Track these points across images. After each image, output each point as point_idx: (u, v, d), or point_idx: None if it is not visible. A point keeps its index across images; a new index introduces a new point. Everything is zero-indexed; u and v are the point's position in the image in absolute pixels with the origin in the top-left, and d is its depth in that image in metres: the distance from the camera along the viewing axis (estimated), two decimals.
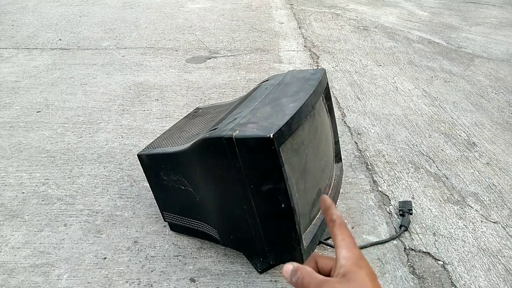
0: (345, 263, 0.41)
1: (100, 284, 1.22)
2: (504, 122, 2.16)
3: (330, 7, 4.26)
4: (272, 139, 0.91)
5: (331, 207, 0.46)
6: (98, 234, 1.39)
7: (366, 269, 0.41)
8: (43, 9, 3.95)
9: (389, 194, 1.60)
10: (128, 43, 3.11)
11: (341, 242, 0.43)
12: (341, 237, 0.44)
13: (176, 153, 1.17)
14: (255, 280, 1.23)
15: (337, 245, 0.43)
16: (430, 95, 2.43)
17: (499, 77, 2.70)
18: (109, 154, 1.81)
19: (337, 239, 0.44)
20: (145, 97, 2.31)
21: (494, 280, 1.25)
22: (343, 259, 0.42)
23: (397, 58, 2.97)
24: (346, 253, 0.42)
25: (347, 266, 0.41)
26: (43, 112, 2.14)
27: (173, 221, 1.34)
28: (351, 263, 0.41)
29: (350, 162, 1.79)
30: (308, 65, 2.78)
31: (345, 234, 0.44)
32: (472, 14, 4.19)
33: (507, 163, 1.82)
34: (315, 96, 1.13)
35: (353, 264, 0.41)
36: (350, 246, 0.43)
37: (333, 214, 0.46)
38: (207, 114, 1.40)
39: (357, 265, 0.41)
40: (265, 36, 3.32)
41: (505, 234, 1.43)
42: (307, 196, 1.10)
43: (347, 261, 0.41)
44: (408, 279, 1.25)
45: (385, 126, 2.08)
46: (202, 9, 4.08)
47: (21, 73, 2.58)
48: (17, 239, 1.37)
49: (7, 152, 1.81)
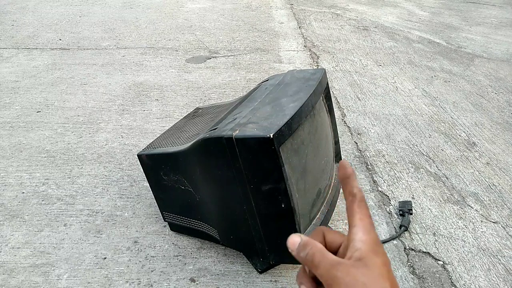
0: (361, 247, 0.37)
1: (100, 284, 1.22)
2: (504, 122, 2.16)
3: (330, 7, 4.25)
4: (272, 139, 0.91)
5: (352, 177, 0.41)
6: (98, 234, 1.39)
7: (382, 257, 0.37)
8: (43, 9, 3.95)
9: (389, 194, 1.60)
10: (128, 43, 3.11)
11: (359, 222, 0.39)
12: (359, 216, 0.39)
13: (176, 153, 1.17)
14: (255, 280, 1.23)
15: (354, 224, 0.39)
16: (430, 95, 2.43)
17: (499, 77, 2.70)
18: (109, 154, 1.81)
19: (354, 218, 0.39)
20: (145, 97, 2.31)
21: (494, 280, 1.25)
22: (359, 241, 0.38)
23: (397, 58, 2.97)
24: (363, 236, 0.38)
25: (363, 251, 0.37)
26: (43, 112, 2.14)
27: (173, 221, 1.34)
28: (367, 248, 0.37)
29: (350, 162, 1.79)
30: (308, 65, 2.78)
31: (364, 213, 0.39)
32: (472, 14, 4.19)
33: (507, 163, 1.82)
34: (315, 96, 1.13)
35: (370, 250, 0.37)
36: (367, 228, 0.39)
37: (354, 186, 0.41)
38: (207, 114, 1.40)
39: (374, 251, 0.37)
40: (265, 36, 3.32)
41: (505, 234, 1.43)
42: (307, 196, 1.10)
43: (363, 245, 0.37)
44: (408, 279, 1.25)
45: (385, 126, 2.08)
46: (202, 9, 4.08)
47: (21, 73, 2.58)
48: (17, 239, 1.37)
49: (7, 152, 1.81)
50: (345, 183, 0.41)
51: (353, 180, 0.41)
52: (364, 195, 0.41)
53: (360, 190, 0.40)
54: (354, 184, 0.41)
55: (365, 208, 0.40)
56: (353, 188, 0.40)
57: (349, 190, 0.41)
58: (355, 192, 0.40)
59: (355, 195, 0.40)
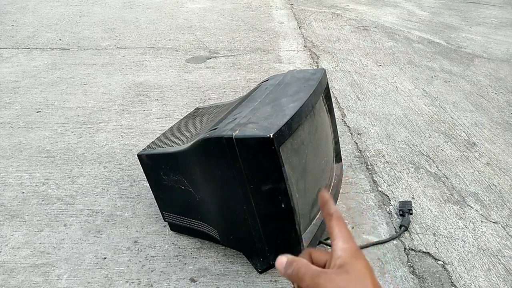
0: (342, 254, 0.41)
1: (100, 284, 1.22)
2: (504, 122, 2.16)
3: (330, 7, 4.26)
4: (272, 139, 0.91)
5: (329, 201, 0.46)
6: (98, 234, 1.39)
7: (363, 261, 0.40)
8: (43, 9, 3.95)
9: (389, 194, 1.60)
10: (128, 43, 3.11)
11: (338, 234, 0.43)
12: (337, 228, 0.43)
13: (176, 153, 1.17)
14: (255, 280, 1.23)
15: (334, 237, 0.43)
16: (430, 95, 2.43)
17: (499, 77, 2.70)
18: (109, 154, 1.81)
19: (333, 232, 0.43)
20: (145, 97, 2.31)
21: (494, 280, 1.25)
22: (340, 250, 0.41)
23: (397, 58, 2.97)
24: (342, 245, 0.42)
25: (344, 258, 0.40)
26: (43, 112, 2.14)
27: (173, 221, 1.34)
28: (348, 254, 0.41)
29: (350, 162, 1.79)
30: (308, 65, 2.78)
31: (342, 226, 0.44)
32: (472, 14, 4.19)
33: (507, 163, 1.82)
34: (315, 96, 1.13)
35: (350, 256, 0.41)
36: (346, 238, 0.42)
37: (330, 208, 0.45)
38: (207, 114, 1.40)
39: (354, 256, 0.41)
40: (265, 36, 3.32)
41: (505, 234, 1.43)
42: (307, 196, 1.10)
43: (343, 252, 0.41)
44: (408, 279, 1.25)
45: (385, 126, 2.08)
46: (202, 9, 4.08)
47: (21, 73, 2.58)
48: (17, 239, 1.37)
49: (7, 152, 1.81)
50: (323, 208, 0.46)
51: (330, 203, 0.46)
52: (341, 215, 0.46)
53: (336, 210, 0.45)
54: (331, 206, 0.45)
55: (343, 223, 0.44)
56: (330, 209, 0.45)
57: (327, 212, 0.45)
58: (332, 212, 0.45)
59: (332, 214, 0.45)
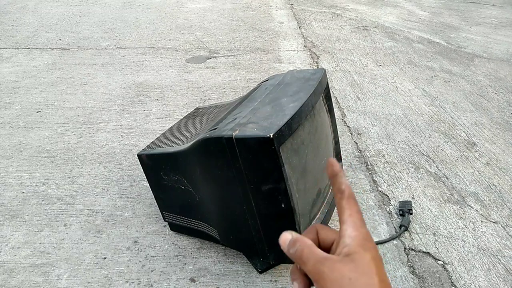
0: (350, 243, 0.37)
1: (100, 284, 1.22)
2: (504, 122, 2.16)
3: (330, 7, 4.25)
4: (272, 139, 0.91)
5: (340, 174, 0.40)
6: (98, 234, 1.39)
7: (372, 252, 0.37)
8: (43, 9, 3.95)
9: (389, 194, 1.60)
10: (128, 43, 3.11)
11: (348, 218, 0.38)
12: (348, 212, 0.39)
13: (176, 153, 1.17)
14: (255, 280, 1.23)
15: (343, 221, 0.39)
16: (430, 95, 2.43)
17: (499, 77, 2.70)
18: (109, 154, 1.81)
19: (344, 214, 0.39)
20: (145, 97, 2.31)
21: (494, 280, 1.25)
22: (348, 237, 0.37)
23: (397, 58, 2.97)
24: (352, 232, 0.37)
25: (351, 246, 0.37)
26: (43, 112, 2.14)
27: (173, 221, 1.34)
28: (356, 243, 0.37)
29: (350, 162, 1.79)
30: (308, 65, 2.78)
31: (353, 209, 0.39)
32: (472, 14, 4.19)
33: (507, 163, 1.82)
34: (315, 96, 1.13)
35: (359, 245, 0.37)
36: (357, 224, 0.38)
37: (342, 183, 0.40)
38: (207, 114, 1.40)
39: (363, 246, 0.37)
40: (265, 36, 3.32)
41: (505, 234, 1.43)
42: (307, 196, 1.10)
43: (352, 241, 0.37)
44: (408, 279, 1.25)
45: (385, 126, 2.08)
46: (202, 9, 4.08)
47: (21, 73, 2.58)
48: (17, 239, 1.37)
49: (7, 152, 1.81)
50: (334, 180, 0.41)
51: (341, 177, 0.40)
52: (354, 192, 0.40)
53: (348, 187, 0.39)
54: (342, 181, 0.40)
55: (354, 204, 0.39)
56: (341, 184, 0.40)
57: (338, 187, 0.40)
58: (343, 188, 0.39)
59: (343, 191, 0.39)
